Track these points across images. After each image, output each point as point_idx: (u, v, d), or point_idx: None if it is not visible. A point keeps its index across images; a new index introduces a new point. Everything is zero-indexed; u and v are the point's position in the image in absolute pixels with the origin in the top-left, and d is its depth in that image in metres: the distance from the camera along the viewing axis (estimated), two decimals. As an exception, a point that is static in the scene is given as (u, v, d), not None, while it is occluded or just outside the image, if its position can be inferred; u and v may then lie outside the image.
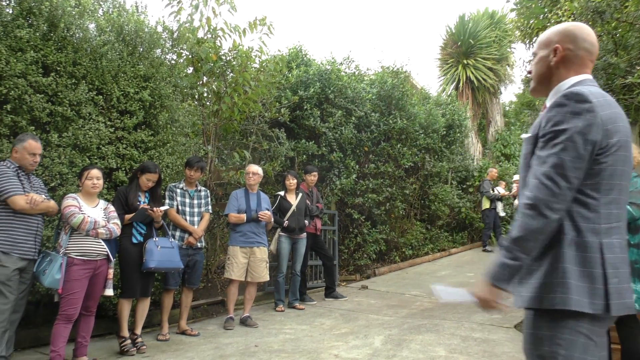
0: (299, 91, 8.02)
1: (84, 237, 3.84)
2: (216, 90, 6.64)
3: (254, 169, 5.67)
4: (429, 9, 60.27)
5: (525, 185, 1.62)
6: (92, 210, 3.95)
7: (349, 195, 8.44)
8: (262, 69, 6.95)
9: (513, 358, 3.89)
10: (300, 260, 6.32)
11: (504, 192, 11.00)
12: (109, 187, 4.79)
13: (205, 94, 6.89)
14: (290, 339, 4.70)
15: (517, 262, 1.54)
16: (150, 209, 4.40)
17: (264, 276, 5.51)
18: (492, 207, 10.63)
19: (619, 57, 5.73)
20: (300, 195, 6.38)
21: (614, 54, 5.88)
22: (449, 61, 16.47)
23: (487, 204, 10.66)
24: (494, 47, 15.70)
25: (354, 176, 8.21)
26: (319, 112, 8.11)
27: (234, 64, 6.74)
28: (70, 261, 3.74)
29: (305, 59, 9.19)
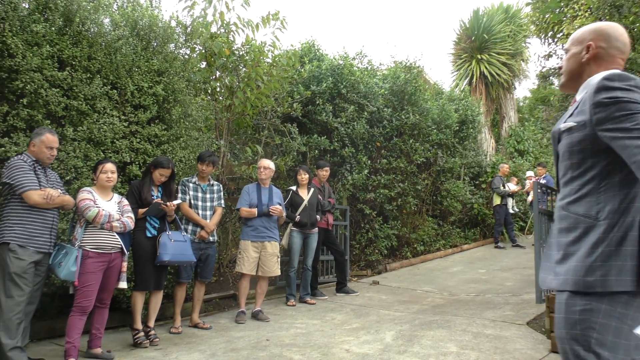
0: (311, 86, 8.01)
1: (99, 230, 3.88)
2: (229, 84, 6.66)
3: (266, 163, 5.68)
4: (442, 4, 59.74)
5: (566, 174, 1.65)
6: (106, 204, 3.99)
7: (360, 191, 8.44)
8: (275, 63, 6.95)
9: (525, 355, 3.85)
10: (312, 255, 6.34)
11: (514, 188, 10.91)
12: (123, 181, 4.83)
13: (218, 89, 6.91)
14: (302, 333, 4.72)
15: None
16: (164, 204, 4.43)
17: (275, 270, 5.53)
18: (502, 203, 10.58)
19: (637, 51, 5.63)
20: (312, 190, 6.38)
21: (632, 48, 5.77)
22: (462, 56, 16.33)
23: (497, 200, 10.62)
24: (508, 42, 15.55)
25: (365, 171, 8.20)
26: (331, 107, 8.09)
27: (247, 58, 6.76)
28: (85, 254, 3.78)
29: (318, 53, 9.18)
